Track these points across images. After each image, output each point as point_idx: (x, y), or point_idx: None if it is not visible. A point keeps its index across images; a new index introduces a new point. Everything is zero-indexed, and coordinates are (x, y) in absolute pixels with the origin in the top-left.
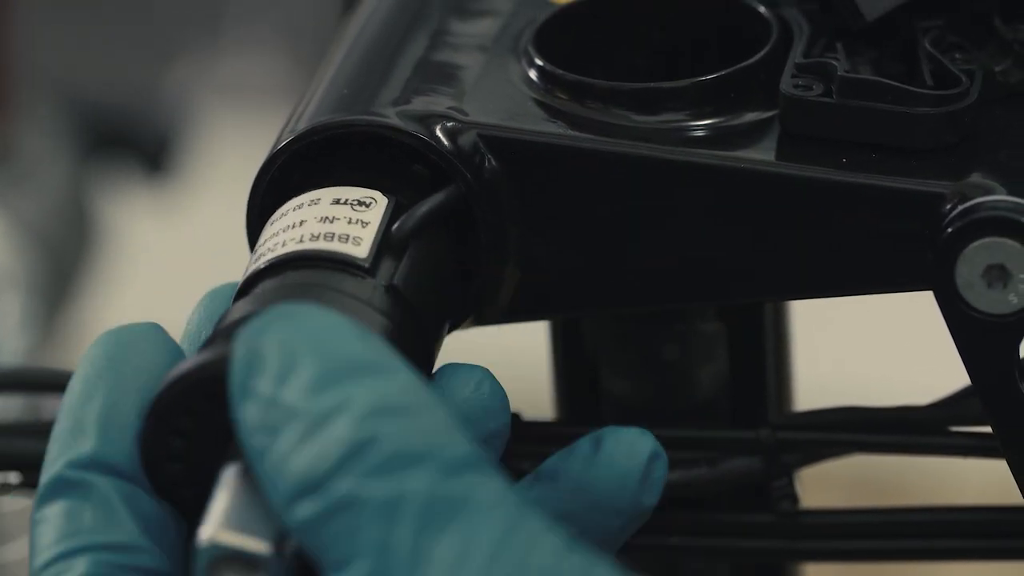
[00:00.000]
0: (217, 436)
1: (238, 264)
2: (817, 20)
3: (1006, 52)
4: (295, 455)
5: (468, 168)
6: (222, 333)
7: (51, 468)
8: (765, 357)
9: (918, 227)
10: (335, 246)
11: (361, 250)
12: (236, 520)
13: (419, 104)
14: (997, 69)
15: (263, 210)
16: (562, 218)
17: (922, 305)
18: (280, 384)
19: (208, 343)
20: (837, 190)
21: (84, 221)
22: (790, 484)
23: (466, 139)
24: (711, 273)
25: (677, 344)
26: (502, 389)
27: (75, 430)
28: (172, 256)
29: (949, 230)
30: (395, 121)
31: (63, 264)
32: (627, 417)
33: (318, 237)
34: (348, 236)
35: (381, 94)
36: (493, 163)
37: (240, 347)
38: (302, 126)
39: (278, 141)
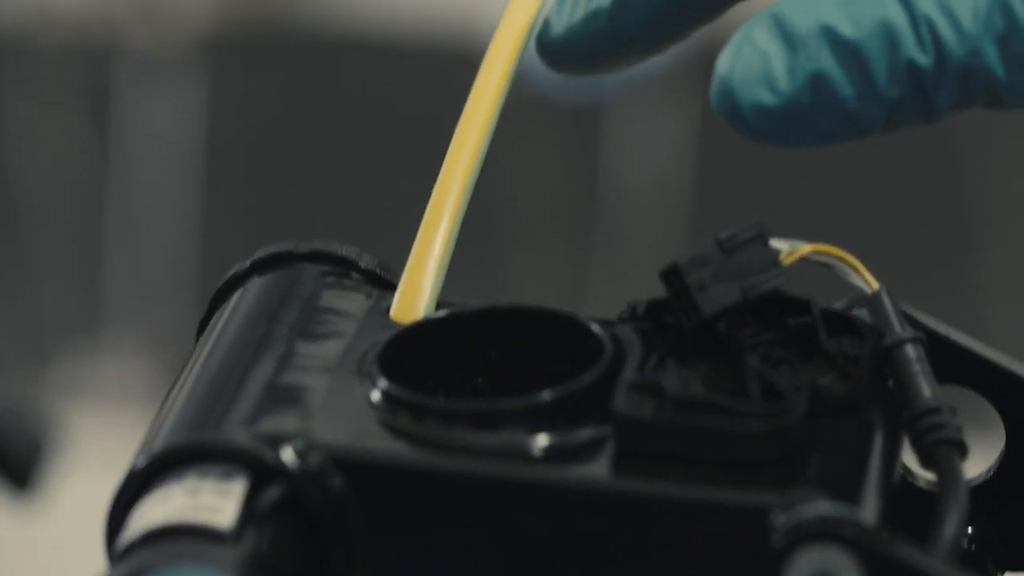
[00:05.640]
0: None
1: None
2: (649, 338)
3: (830, 365)
4: None
5: (316, 487)
6: None
7: None
8: None
9: (748, 539)
10: (201, 516)
11: (225, 519)
12: None
13: (268, 425)
14: (821, 382)
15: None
16: (407, 536)
17: None
18: None
19: None
20: (667, 506)
21: None
22: None
23: (313, 459)
24: None
25: None
26: None
27: None
28: (36, 567)
29: (776, 541)
30: (245, 443)
31: None
32: None
33: (185, 508)
34: (213, 507)
35: (231, 415)
36: (340, 482)
37: None
38: (156, 448)
39: (134, 465)
